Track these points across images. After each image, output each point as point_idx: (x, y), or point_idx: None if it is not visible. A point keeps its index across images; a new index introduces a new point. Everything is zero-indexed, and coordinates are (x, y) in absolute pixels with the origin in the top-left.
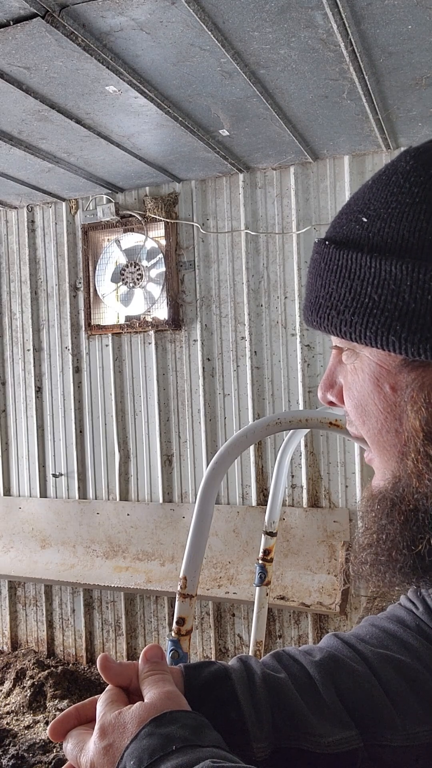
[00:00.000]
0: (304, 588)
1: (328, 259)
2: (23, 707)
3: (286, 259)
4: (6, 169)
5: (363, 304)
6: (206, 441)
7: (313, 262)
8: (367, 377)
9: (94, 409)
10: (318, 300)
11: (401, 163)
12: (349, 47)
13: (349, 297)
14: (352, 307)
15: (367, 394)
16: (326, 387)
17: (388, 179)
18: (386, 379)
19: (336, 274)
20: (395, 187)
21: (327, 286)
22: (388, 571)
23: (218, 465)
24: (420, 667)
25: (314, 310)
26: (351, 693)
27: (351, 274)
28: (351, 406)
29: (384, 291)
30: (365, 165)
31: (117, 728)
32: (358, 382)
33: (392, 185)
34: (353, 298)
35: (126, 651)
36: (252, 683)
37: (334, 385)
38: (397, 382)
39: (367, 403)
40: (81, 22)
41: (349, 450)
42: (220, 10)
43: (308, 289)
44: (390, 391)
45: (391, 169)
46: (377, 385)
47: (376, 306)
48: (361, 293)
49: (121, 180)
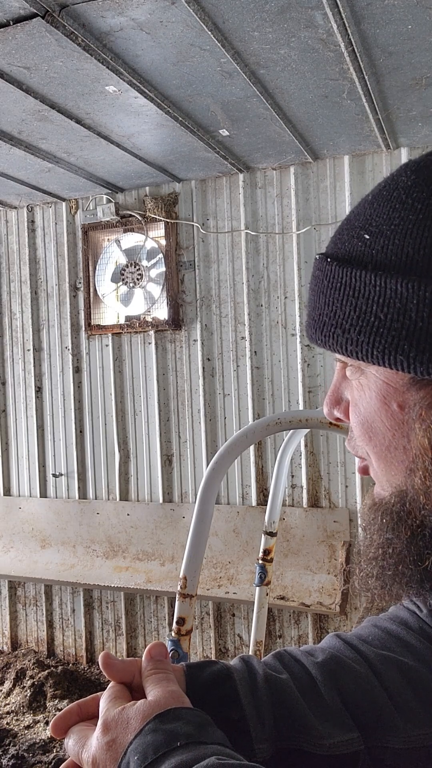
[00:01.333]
0: (304, 588)
1: (331, 276)
2: (23, 707)
3: (286, 259)
4: (6, 169)
5: (369, 323)
6: (206, 441)
7: (315, 279)
8: (374, 395)
9: (94, 409)
10: (322, 318)
11: (402, 177)
12: (349, 47)
13: (354, 315)
14: (357, 326)
15: (374, 411)
16: (332, 403)
17: (390, 195)
18: (393, 397)
19: (340, 292)
20: (397, 203)
21: (331, 304)
22: (395, 584)
23: (218, 465)
24: (422, 669)
25: (318, 328)
26: (353, 694)
27: (355, 292)
28: (356, 423)
29: (390, 310)
30: (365, 165)
31: (120, 724)
32: (365, 399)
33: (394, 201)
34: (358, 316)
35: (126, 651)
36: (254, 683)
37: (341, 401)
38: (405, 401)
39: (373, 420)
40: (81, 22)
41: (348, 450)
42: (220, 10)
43: (311, 306)
44: (398, 408)
45: (392, 184)
46: (384, 403)
47: (382, 325)
48: (366, 312)
49: (121, 180)
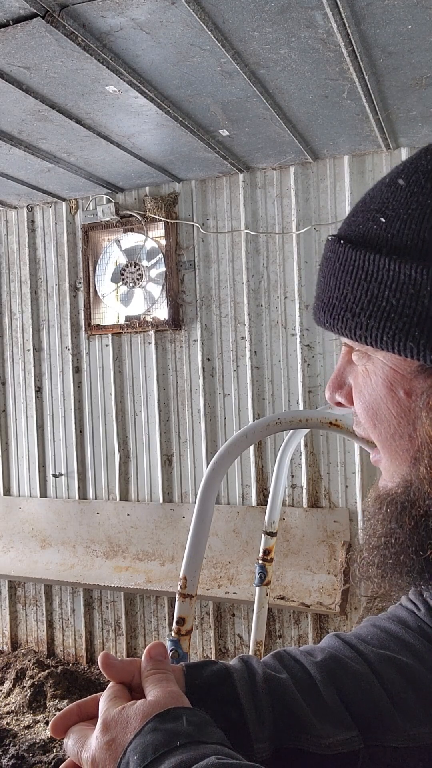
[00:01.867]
0: (304, 588)
1: (343, 259)
2: (23, 707)
3: (286, 259)
4: (6, 169)
5: (380, 307)
6: (206, 441)
7: (326, 260)
8: (380, 381)
9: (94, 409)
10: (332, 301)
11: (422, 161)
12: (349, 47)
13: (365, 299)
14: (368, 310)
15: (379, 398)
16: (335, 387)
17: (408, 178)
18: (401, 384)
19: (351, 275)
20: (416, 186)
21: (342, 287)
22: (395, 573)
23: (218, 465)
24: (421, 668)
25: (327, 310)
26: (352, 694)
27: (368, 276)
28: (361, 409)
29: (403, 295)
30: (365, 165)
31: (120, 723)
32: (371, 385)
33: (413, 185)
34: (369, 300)
35: (126, 651)
36: (253, 683)
37: (343, 385)
38: (412, 388)
39: (379, 407)
40: (81, 22)
41: (349, 450)
42: (220, 10)
43: (320, 288)
44: (404, 396)
45: (411, 167)
46: (391, 390)
47: (393, 310)
48: (378, 296)
49: (121, 180)
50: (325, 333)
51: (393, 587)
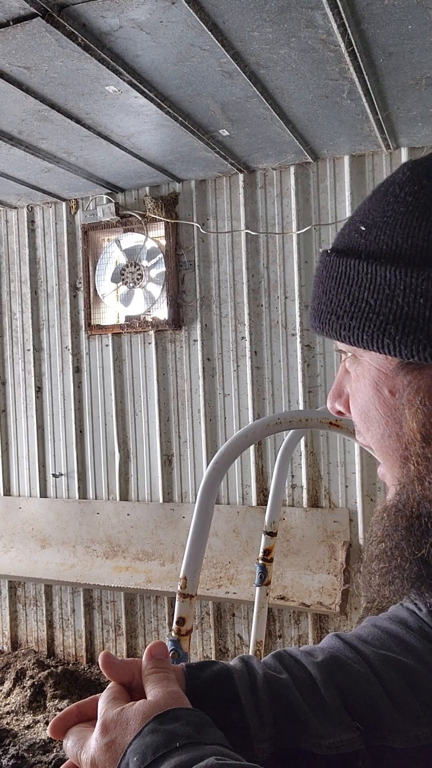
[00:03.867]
0: (304, 588)
1: (330, 267)
2: (23, 707)
3: (286, 259)
4: (6, 169)
5: (360, 308)
6: (206, 441)
7: (317, 271)
8: (368, 382)
9: (94, 409)
10: (320, 306)
11: (399, 174)
12: (349, 47)
13: (347, 302)
14: (350, 312)
15: (368, 399)
16: (334, 397)
17: (386, 190)
18: (385, 383)
19: (336, 281)
20: (391, 196)
21: (328, 292)
22: (397, 579)
23: (218, 465)
24: (422, 669)
25: (317, 316)
26: (352, 694)
27: (349, 280)
28: (356, 414)
29: (379, 296)
30: (365, 165)
31: (120, 725)
32: (361, 389)
33: (389, 195)
34: (351, 303)
35: (126, 651)
36: (254, 683)
37: (342, 394)
38: (395, 386)
39: (369, 409)
40: (81, 22)
41: (349, 450)
42: (220, 10)
43: (312, 297)
44: (389, 394)
45: (389, 180)
46: (377, 390)
47: (372, 310)
48: (358, 298)
49: (121, 180)
50: None
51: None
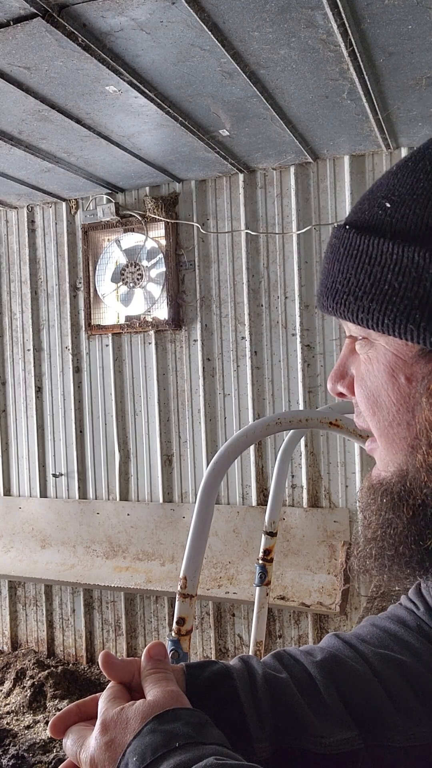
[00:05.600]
0: (304, 588)
1: (348, 244)
2: (23, 707)
3: (286, 259)
4: (6, 169)
5: (382, 290)
6: (206, 441)
7: (331, 246)
8: (381, 367)
9: (94, 409)
10: (335, 285)
11: (429, 149)
12: (349, 47)
13: (368, 283)
14: (370, 294)
15: (380, 384)
16: (337, 377)
17: (415, 165)
18: (402, 370)
19: (355, 260)
20: (422, 173)
21: (345, 271)
22: (394, 565)
23: (218, 465)
24: (421, 668)
25: (330, 295)
26: (352, 693)
27: (371, 259)
28: (362, 397)
29: (405, 278)
30: (365, 165)
31: (119, 724)
32: (372, 372)
33: (419, 171)
34: (372, 284)
35: (126, 651)
36: (254, 683)
37: (346, 375)
38: (413, 373)
39: (379, 394)
40: (81, 22)
41: (349, 450)
42: (220, 10)
43: (324, 274)
44: (405, 382)
45: (418, 155)
46: (392, 376)
47: (395, 293)
48: (380, 279)
49: (121, 180)
50: (325, 333)
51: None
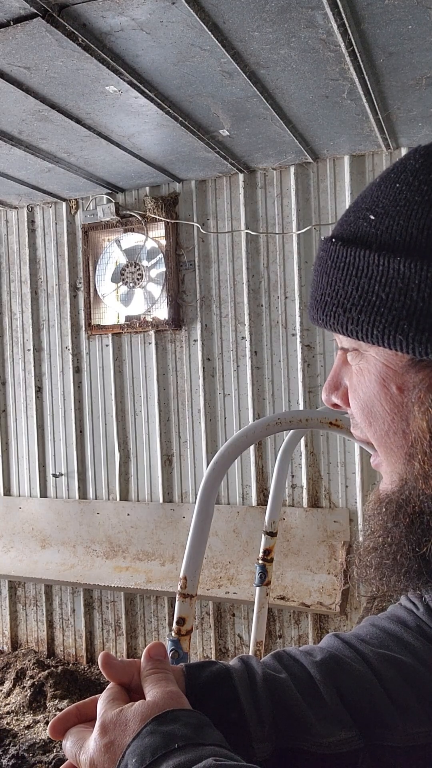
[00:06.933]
0: (304, 588)
1: (335, 256)
2: (23, 707)
3: (286, 259)
4: (6, 169)
5: (370, 302)
6: (206, 441)
7: (319, 260)
8: (373, 378)
9: (94, 409)
10: (324, 298)
11: (410, 161)
12: (349, 47)
13: (356, 295)
14: (359, 305)
15: (373, 395)
16: (331, 389)
17: (397, 177)
18: (393, 380)
19: (343, 272)
20: (404, 184)
21: (333, 283)
22: (393, 574)
23: (218, 465)
24: (420, 668)
25: (319, 308)
26: (352, 693)
27: (358, 271)
28: (357, 408)
29: (392, 289)
30: (365, 165)
31: (118, 726)
32: (364, 383)
33: (401, 183)
34: (360, 296)
35: (126, 651)
36: (253, 683)
37: (339, 387)
38: (404, 383)
39: (373, 405)
40: (81, 22)
41: (349, 450)
42: (220, 10)
43: (314, 287)
44: (397, 391)
45: (400, 166)
46: (384, 386)
47: (383, 304)
48: (368, 291)
49: (121, 180)
50: (326, 333)
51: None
